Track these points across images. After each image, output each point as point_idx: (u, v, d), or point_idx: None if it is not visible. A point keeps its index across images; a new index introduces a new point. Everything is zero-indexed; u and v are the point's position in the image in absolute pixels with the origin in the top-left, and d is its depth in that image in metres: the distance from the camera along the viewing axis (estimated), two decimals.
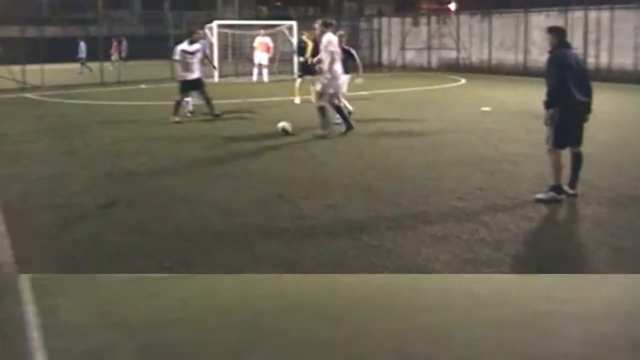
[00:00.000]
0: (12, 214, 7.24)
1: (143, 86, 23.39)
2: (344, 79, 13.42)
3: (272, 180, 8.73)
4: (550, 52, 7.69)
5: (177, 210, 7.36)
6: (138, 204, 7.71)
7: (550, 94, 7.55)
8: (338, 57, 12.23)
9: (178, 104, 14.58)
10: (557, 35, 7.80)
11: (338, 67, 12.20)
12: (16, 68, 23.72)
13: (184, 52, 14.35)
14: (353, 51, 14.84)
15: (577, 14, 28.08)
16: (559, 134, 7.50)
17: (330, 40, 12.12)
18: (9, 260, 5.82)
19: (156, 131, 13.54)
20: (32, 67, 24.95)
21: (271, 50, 26.46)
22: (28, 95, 21.89)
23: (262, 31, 26.71)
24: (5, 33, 35.32)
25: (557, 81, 7.42)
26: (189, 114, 15.24)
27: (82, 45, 34.42)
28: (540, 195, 7.51)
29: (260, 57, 25.89)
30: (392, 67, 36.44)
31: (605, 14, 27.33)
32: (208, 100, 14.87)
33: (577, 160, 7.65)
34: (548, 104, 7.61)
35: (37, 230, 6.73)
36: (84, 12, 46.44)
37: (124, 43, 38.55)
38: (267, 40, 26.23)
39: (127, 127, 14.29)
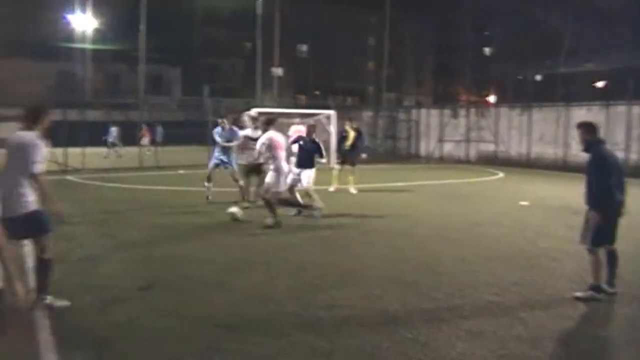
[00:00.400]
0: (52, 294, 7.35)
1: (181, 171, 23.84)
2: (306, 173, 13.79)
3: (307, 269, 8.76)
4: (587, 149, 7.67)
5: (212, 296, 7.41)
6: (174, 288, 7.78)
7: (595, 195, 7.56)
8: (280, 153, 12.08)
9: (242, 189, 14.52)
10: (588, 131, 7.79)
11: (283, 164, 12.16)
12: (58, 150, 24.43)
13: (247, 137, 14.05)
14: (320, 143, 14.77)
15: (620, 109, 28.08)
16: (599, 233, 7.43)
17: (271, 137, 11.98)
18: (48, 339, 5.90)
19: (193, 217, 13.74)
20: (73, 150, 25.66)
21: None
22: (69, 177, 22.45)
23: (297, 119, 27.16)
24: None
25: (601, 182, 7.46)
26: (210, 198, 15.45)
27: (113, 130, 35.45)
28: (579, 294, 7.40)
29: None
30: (429, 159, 36.67)
31: None
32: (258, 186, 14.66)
33: (613, 257, 7.58)
34: (592, 204, 7.59)
35: (76, 311, 6.82)
36: (125, 98, 48.12)
37: (159, 128, 39.02)
38: (302, 128, 26.55)
39: (165, 212, 14.52)
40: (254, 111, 27.58)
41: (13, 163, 6.43)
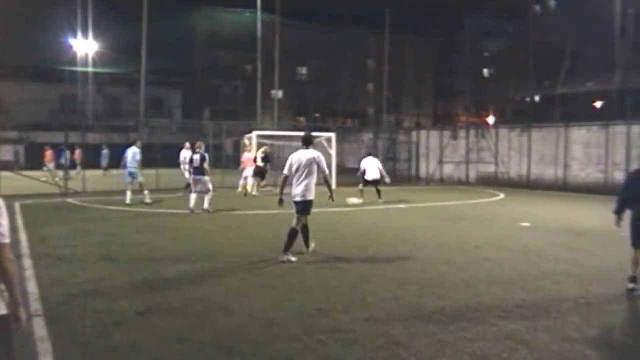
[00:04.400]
0: (52, 318, 7.33)
1: (180, 194, 23.80)
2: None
3: (311, 292, 8.74)
4: None
5: (216, 320, 7.38)
6: (177, 311, 7.75)
7: None
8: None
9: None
10: None
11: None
12: (60, 173, 24.45)
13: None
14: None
15: (619, 129, 28.19)
16: None
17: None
18: None
19: (193, 239, 13.73)
20: (73, 172, 25.71)
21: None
22: (70, 200, 22.48)
23: (247, 146, 27.22)
24: (51, 139, 36.67)
25: None
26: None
27: (104, 154, 35.59)
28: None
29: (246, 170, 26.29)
30: (429, 181, 36.71)
31: None
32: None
33: None
34: None
35: (77, 335, 6.78)
36: (126, 120, 48.33)
37: (104, 152, 38.70)
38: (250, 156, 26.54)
39: (166, 234, 14.52)
40: (254, 134, 27.80)
41: None
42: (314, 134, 14.83)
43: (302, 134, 12.83)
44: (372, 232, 14.60)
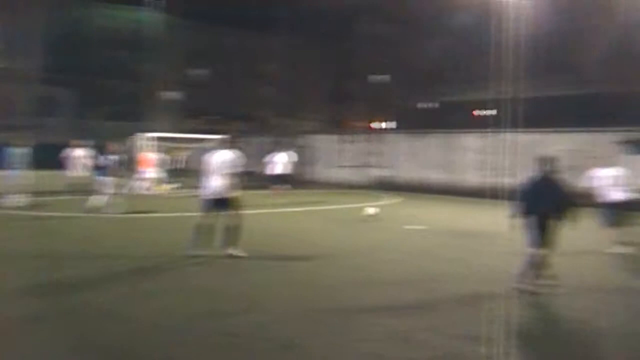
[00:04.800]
0: None
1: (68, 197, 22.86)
2: None
3: (205, 296, 8.68)
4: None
5: (106, 326, 7.21)
6: (66, 319, 7.51)
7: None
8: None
9: None
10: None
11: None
12: None
13: None
14: None
15: (509, 136, 29.51)
16: None
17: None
18: None
19: (90, 242, 13.35)
20: None
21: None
22: None
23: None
24: None
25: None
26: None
27: None
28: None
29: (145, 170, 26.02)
30: (325, 184, 37.07)
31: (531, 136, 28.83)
32: None
33: None
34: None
35: None
36: (16, 119, 46.23)
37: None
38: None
39: (58, 237, 14.03)
40: (149, 135, 27.26)
41: None
42: (212, 136, 14.77)
43: (198, 136, 12.89)
44: (268, 234, 14.62)
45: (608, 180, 13.11)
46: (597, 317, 8.12)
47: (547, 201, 9.28)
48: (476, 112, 40.42)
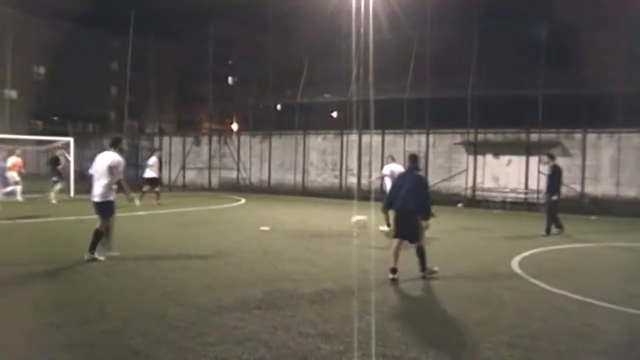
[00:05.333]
0: None
1: None
2: None
3: (42, 308, 8.16)
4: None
5: None
6: None
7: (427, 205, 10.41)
8: None
9: None
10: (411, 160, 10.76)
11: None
12: None
13: None
14: None
15: (352, 137, 30.33)
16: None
17: None
18: None
19: None
20: None
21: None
22: None
23: (17, 150, 25.43)
24: None
25: (428, 196, 10.57)
26: None
27: None
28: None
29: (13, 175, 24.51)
30: (172, 187, 36.38)
31: (377, 138, 29.85)
32: None
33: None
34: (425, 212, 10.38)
35: None
36: None
37: None
38: (19, 160, 24.83)
39: None
40: None
41: None
42: (52, 138, 14.10)
43: (39, 137, 12.64)
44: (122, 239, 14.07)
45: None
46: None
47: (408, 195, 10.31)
48: (326, 114, 41.25)
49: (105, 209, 11.46)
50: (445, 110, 29.69)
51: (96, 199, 11.41)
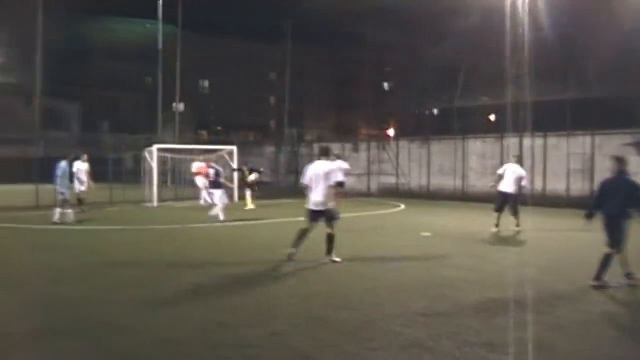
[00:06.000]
0: None
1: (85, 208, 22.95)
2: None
3: (214, 308, 8.56)
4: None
5: (114, 340, 7.09)
6: (72, 332, 7.40)
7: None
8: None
9: None
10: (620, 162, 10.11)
11: None
12: None
13: None
14: None
15: (513, 141, 29.44)
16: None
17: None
18: None
19: (93, 256, 13.27)
20: None
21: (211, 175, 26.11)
22: None
23: (201, 157, 26.87)
24: None
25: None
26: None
27: None
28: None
29: (201, 181, 25.97)
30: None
31: (539, 141, 28.78)
32: None
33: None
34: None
35: None
36: (21, 133, 46.17)
37: None
38: (203, 165, 26.16)
39: (61, 251, 13.95)
40: (155, 147, 27.25)
41: None
42: (216, 147, 14.85)
43: (204, 147, 13.32)
44: (276, 245, 14.51)
45: None
46: None
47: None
48: (483, 117, 40.31)
49: (331, 214, 11.95)
50: (613, 109, 28.13)
51: (320, 207, 11.84)
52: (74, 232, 17.53)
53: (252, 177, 25.45)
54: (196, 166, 26.08)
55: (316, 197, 11.82)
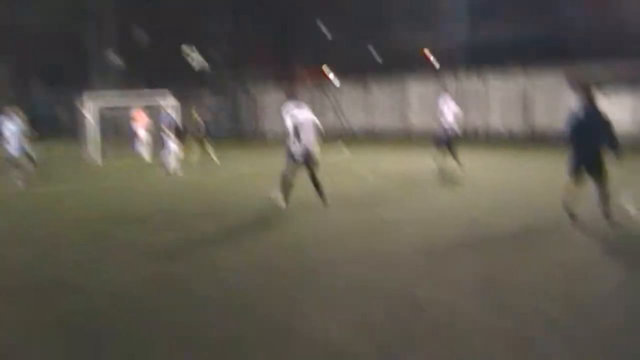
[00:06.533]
0: None
1: None
2: None
3: (269, 270, 8.41)
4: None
5: (66, 299, 7.02)
6: (21, 293, 7.28)
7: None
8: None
9: None
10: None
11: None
12: None
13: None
14: None
15: (450, 79, 29.48)
16: None
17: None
18: None
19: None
20: None
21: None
22: None
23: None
24: None
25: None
26: None
27: None
28: None
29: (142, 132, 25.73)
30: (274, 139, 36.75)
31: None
32: None
33: None
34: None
35: None
36: None
37: None
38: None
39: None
40: (91, 100, 26.48)
41: None
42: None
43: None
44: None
45: None
46: None
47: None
48: (424, 59, 40.33)
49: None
50: (546, 45, 28.18)
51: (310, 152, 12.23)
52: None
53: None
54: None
55: (307, 142, 12.05)
